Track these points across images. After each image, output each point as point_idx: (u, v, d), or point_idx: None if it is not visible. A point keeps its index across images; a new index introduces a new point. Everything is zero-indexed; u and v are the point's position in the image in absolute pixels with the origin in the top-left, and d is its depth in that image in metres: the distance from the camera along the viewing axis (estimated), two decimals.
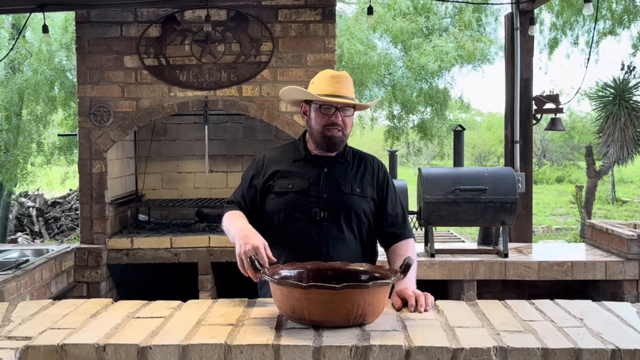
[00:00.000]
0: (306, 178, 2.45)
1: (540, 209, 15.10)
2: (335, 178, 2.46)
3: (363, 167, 2.53)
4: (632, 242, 4.48)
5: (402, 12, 9.75)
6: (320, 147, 2.46)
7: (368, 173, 2.52)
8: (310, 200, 2.42)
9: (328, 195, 2.43)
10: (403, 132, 10.70)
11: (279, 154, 2.56)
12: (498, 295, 4.76)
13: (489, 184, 4.58)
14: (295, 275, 2.08)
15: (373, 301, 1.87)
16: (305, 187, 2.44)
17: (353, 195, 2.45)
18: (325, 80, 2.41)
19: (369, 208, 2.49)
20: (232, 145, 5.83)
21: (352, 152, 2.57)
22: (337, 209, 2.43)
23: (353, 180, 2.48)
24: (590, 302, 2.18)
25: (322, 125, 2.41)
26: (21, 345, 1.77)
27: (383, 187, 2.53)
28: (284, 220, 2.44)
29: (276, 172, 2.48)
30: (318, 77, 2.45)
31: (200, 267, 4.89)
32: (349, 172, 2.49)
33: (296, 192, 2.43)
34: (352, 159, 2.54)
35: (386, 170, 2.60)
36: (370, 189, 2.50)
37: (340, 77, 2.41)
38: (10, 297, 3.71)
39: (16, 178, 8.81)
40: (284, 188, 2.45)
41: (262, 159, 2.55)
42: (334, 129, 2.41)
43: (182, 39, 4.92)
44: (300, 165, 2.49)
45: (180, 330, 1.87)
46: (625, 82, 8.94)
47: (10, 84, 8.42)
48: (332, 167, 2.48)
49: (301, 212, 2.42)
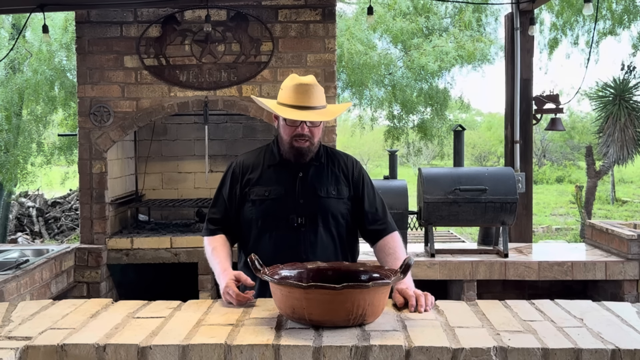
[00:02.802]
0: (282, 184, 2.45)
1: (540, 209, 15.10)
2: (310, 182, 2.45)
3: (337, 168, 2.52)
4: (632, 242, 4.48)
5: (402, 12, 9.74)
6: (288, 157, 2.45)
7: (342, 173, 2.51)
8: (287, 207, 2.42)
9: (304, 201, 2.43)
10: (403, 132, 10.70)
11: (254, 159, 2.55)
12: (498, 295, 4.76)
13: (489, 184, 4.58)
14: (295, 276, 2.08)
15: (373, 301, 1.87)
16: (282, 193, 2.44)
17: (329, 198, 2.45)
18: (290, 90, 2.36)
19: (346, 209, 2.49)
20: (232, 145, 5.83)
21: (327, 152, 2.55)
22: (314, 213, 2.43)
23: (328, 183, 2.47)
24: (590, 302, 2.18)
25: (289, 136, 2.40)
26: (21, 345, 1.77)
27: (359, 185, 2.52)
28: (261, 228, 2.45)
29: (252, 179, 2.48)
30: (285, 85, 2.39)
31: (200, 267, 4.89)
32: (324, 174, 2.49)
33: (273, 200, 2.44)
34: (326, 160, 2.52)
35: (361, 167, 2.59)
36: (346, 189, 2.49)
37: (306, 87, 2.34)
38: (10, 297, 3.71)
39: (16, 178, 8.81)
40: (260, 196, 2.45)
41: (239, 165, 2.54)
42: (300, 140, 2.39)
43: (182, 39, 4.92)
44: (276, 171, 2.48)
45: (180, 330, 1.87)
46: (625, 82, 8.94)
47: (10, 84, 8.42)
48: (306, 171, 2.47)
49: (278, 219, 2.43)
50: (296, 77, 2.39)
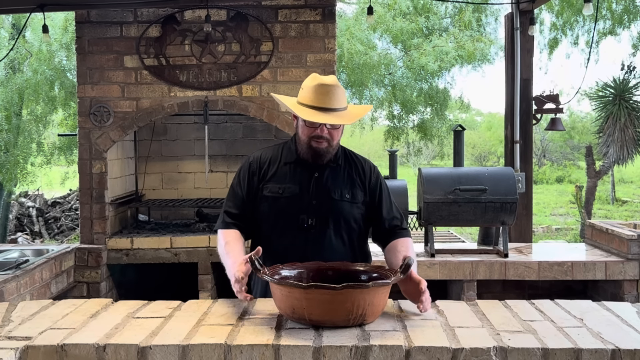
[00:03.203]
0: (296, 183, 2.42)
1: (540, 209, 15.10)
2: (325, 184, 2.42)
3: (354, 171, 2.48)
4: (632, 242, 4.48)
5: (402, 12, 9.75)
6: (305, 157, 2.41)
7: (359, 177, 2.47)
8: (299, 207, 2.39)
9: (317, 202, 2.40)
10: (403, 132, 10.70)
11: (271, 154, 2.51)
12: (498, 295, 4.76)
13: (489, 184, 4.58)
14: (296, 275, 2.08)
15: (373, 301, 1.87)
16: (296, 192, 2.40)
17: (343, 201, 2.41)
18: (310, 90, 2.30)
19: (360, 214, 2.45)
20: (232, 145, 5.83)
21: (345, 154, 2.52)
22: (326, 216, 2.40)
23: (343, 186, 2.43)
24: (590, 302, 2.18)
25: (307, 136, 2.36)
26: (21, 345, 1.77)
27: (375, 192, 2.48)
28: (272, 226, 2.43)
29: (268, 173, 2.45)
30: (306, 84, 2.35)
31: (200, 267, 4.89)
32: (340, 176, 2.44)
33: (286, 198, 2.40)
34: (344, 163, 2.48)
35: (379, 173, 2.55)
36: (362, 193, 2.45)
37: (327, 87, 2.29)
38: (10, 297, 3.71)
39: (16, 178, 8.81)
40: (274, 193, 2.42)
41: (257, 159, 2.50)
42: (319, 141, 2.35)
43: (182, 39, 4.92)
44: (292, 169, 2.45)
45: (180, 330, 1.87)
46: (625, 82, 8.94)
47: (10, 84, 8.42)
48: (322, 172, 2.43)
49: (289, 219, 2.40)
50: (317, 77, 2.33)
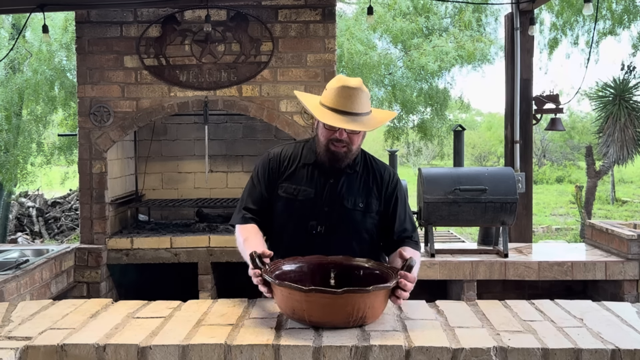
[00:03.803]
0: (312, 187, 2.36)
1: (540, 209, 15.10)
2: (339, 191, 2.36)
3: (372, 179, 2.40)
4: (632, 242, 4.48)
5: (402, 12, 9.75)
6: (323, 159, 2.34)
7: (376, 186, 2.40)
8: (310, 212, 2.35)
9: (329, 209, 2.35)
10: (403, 132, 10.71)
11: (292, 152, 2.45)
12: (498, 295, 4.76)
13: (489, 184, 4.58)
14: (296, 270, 2.08)
15: (373, 304, 1.87)
16: (311, 196, 2.35)
17: (355, 210, 2.35)
18: (334, 92, 2.22)
19: (372, 224, 2.39)
20: (232, 145, 5.83)
21: (365, 160, 2.44)
22: (335, 224, 2.35)
23: (358, 194, 2.36)
24: (590, 302, 2.18)
25: (326, 139, 2.29)
26: (21, 345, 1.77)
27: (390, 201, 2.41)
28: (283, 227, 2.40)
29: (286, 172, 2.40)
30: (330, 85, 2.26)
31: (200, 267, 4.89)
32: (355, 184, 2.38)
33: (300, 201, 2.36)
34: (362, 169, 2.41)
35: (397, 182, 2.45)
36: (377, 202, 2.39)
37: (350, 91, 2.19)
38: (10, 297, 3.71)
39: (16, 178, 8.81)
40: (289, 194, 2.37)
41: (277, 156, 2.44)
42: (338, 144, 2.27)
43: (182, 39, 4.92)
44: (309, 171, 2.39)
45: (180, 330, 1.87)
46: (625, 82, 8.93)
47: (10, 84, 8.42)
48: (338, 178, 2.37)
49: (300, 223, 2.36)
50: (342, 79, 2.24)
